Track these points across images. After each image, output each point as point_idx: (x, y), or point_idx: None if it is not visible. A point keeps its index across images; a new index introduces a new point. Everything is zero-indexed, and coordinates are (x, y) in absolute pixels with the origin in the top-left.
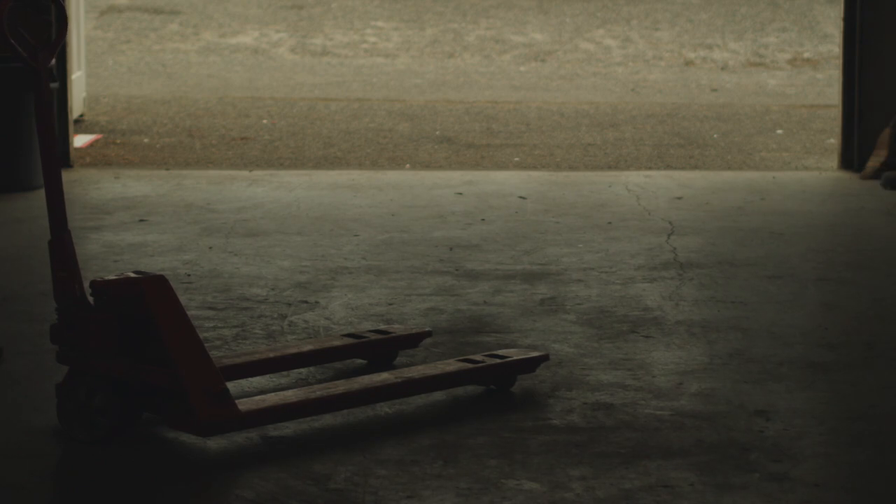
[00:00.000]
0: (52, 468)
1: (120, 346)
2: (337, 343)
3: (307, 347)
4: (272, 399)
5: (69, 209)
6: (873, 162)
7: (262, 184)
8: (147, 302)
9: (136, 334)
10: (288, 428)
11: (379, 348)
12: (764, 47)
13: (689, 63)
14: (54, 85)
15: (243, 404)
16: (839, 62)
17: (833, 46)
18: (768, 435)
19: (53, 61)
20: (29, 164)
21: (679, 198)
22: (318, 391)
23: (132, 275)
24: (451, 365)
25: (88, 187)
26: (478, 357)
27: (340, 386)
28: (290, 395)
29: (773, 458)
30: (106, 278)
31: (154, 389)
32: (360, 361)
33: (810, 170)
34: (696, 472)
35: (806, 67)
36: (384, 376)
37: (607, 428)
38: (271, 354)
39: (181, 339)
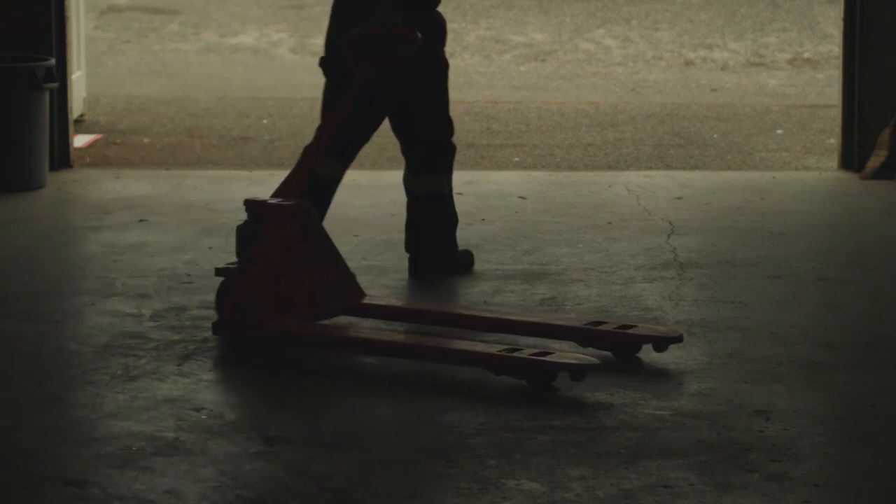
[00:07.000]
0: (54, 468)
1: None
2: (561, 322)
3: (532, 318)
4: (298, 326)
5: (68, 209)
6: (873, 162)
7: (262, 184)
8: (263, 222)
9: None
10: (288, 428)
11: (618, 342)
12: (764, 47)
13: (689, 63)
14: (54, 85)
15: (270, 325)
16: (839, 62)
17: (833, 46)
18: (768, 435)
19: (53, 61)
20: (29, 164)
21: (679, 198)
22: (362, 332)
23: (280, 201)
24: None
25: (88, 187)
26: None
27: (380, 334)
28: (322, 328)
29: (773, 458)
30: (256, 199)
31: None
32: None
33: (810, 170)
34: (696, 472)
35: (806, 67)
36: (432, 338)
37: (607, 428)
38: (489, 315)
39: (255, 259)
